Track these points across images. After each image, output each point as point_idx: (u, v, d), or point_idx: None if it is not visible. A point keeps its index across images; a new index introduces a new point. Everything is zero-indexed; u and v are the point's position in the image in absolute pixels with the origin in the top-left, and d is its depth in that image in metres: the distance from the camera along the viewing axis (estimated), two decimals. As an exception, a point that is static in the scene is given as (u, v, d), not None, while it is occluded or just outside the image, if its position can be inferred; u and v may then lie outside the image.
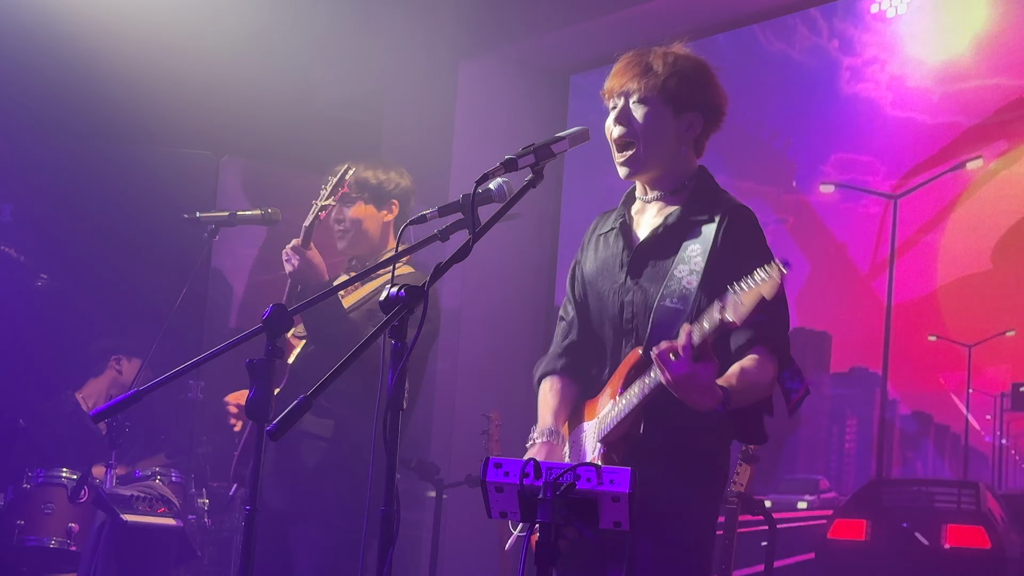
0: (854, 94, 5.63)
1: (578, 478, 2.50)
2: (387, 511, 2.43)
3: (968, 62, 5.23)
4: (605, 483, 2.50)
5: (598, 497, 2.50)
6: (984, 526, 4.91)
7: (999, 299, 4.94)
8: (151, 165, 6.83)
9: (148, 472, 5.41)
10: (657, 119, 3.09)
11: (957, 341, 4.98)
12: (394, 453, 2.44)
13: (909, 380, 5.25)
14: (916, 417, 5.20)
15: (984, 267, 5.03)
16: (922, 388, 5.18)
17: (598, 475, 2.50)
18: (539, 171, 2.86)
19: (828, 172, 5.65)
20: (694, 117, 3.14)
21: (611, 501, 2.50)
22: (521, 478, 2.53)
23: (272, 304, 2.79)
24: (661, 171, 3.15)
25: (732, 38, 6.17)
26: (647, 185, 3.19)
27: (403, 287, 2.50)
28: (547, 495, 2.47)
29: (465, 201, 2.85)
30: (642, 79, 3.10)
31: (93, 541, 4.81)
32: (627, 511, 2.51)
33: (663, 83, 3.09)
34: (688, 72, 3.13)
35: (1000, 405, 4.91)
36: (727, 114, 3.21)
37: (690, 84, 3.12)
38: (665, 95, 3.09)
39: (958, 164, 5.16)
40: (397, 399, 2.44)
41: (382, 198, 4.36)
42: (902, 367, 5.25)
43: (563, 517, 2.48)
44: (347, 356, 2.50)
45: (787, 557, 5.25)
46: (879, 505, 5.29)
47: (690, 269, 3.00)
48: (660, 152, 3.12)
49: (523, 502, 2.54)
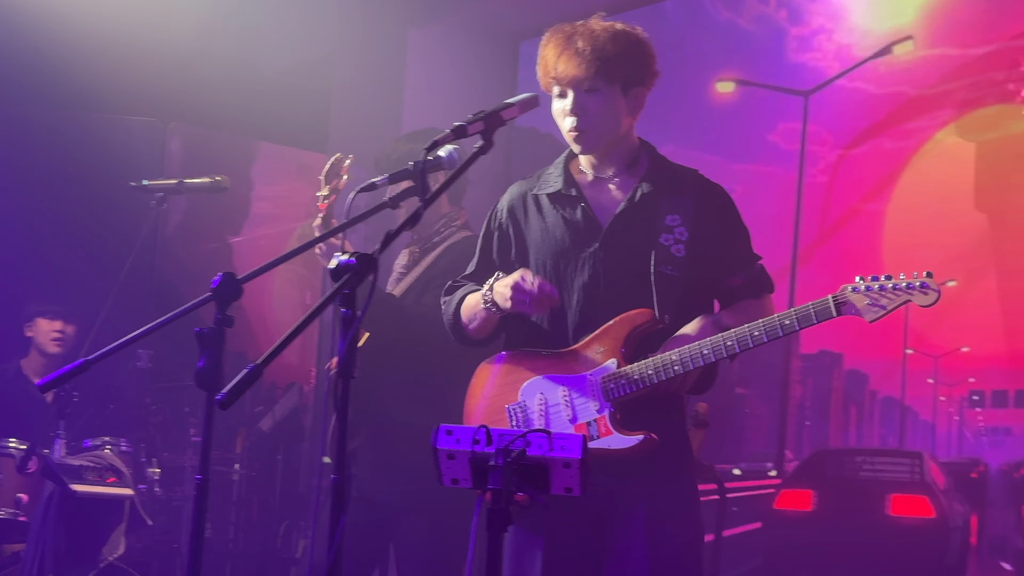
0: (801, 63, 5.67)
1: (529, 444, 2.51)
2: (338, 479, 2.44)
3: (915, 31, 5.28)
4: (556, 449, 2.52)
5: (549, 463, 2.52)
6: (928, 495, 4.99)
7: (944, 261, 5.01)
8: (97, 132, 6.76)
9: (98, 442, 5.38)
10: (610, 105, 3.14)
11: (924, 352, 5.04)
12: (345, 420, 2.44)
13: (857, 348, 5.31)
14: (860, 384, 5.27)
15: (928, 236, 5.10)
16: (868, 355, 5.25)
17: (549, 441, 2.52)
18: (489, 138, 2.87)
19: (775, 141, 5.69)
20: (639, 91, 3.19)
21: (562, 467, 2.52)
22: (472, 444, 2.54)
23: (221, 272, 2.77)
24: (613, 146, 3.19)
25: (680, 5, 6.18)
26: (599, 161, 3.22)
27: (354, 254, 2.50)
28: (498, 462, 2.49)
29: (415, 168, 2.85)
30: (590, 66, 3.10)
31: (42, 511, 4.78)
32: (578, 477, 2.53)
33: (612, 68, 3.11)
34: (634, 50, 3.16)
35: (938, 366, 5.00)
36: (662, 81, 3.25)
37: (636, 62, 3.16)
38: (614, 79, 3.12)
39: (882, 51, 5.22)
40: (348, 367, 2.44)
41: None
42: (852, 335, 5.31)
43: (514, 483, 2.50)
44: (296, 326, 2.49)
45: (736, 526, 5.32)
46: (824, 475, 5.36)
47: (675, 239, 3.09)
48: (613, 132, 3.17)
49: (474, 469, 2.56)
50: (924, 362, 5.03)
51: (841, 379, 5.37)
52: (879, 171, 5.30)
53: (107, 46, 6.53)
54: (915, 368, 5.05)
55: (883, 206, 5.23)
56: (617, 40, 3.13)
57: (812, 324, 2.88)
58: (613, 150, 3.20)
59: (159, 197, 4.87)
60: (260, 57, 7.78)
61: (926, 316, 4.68)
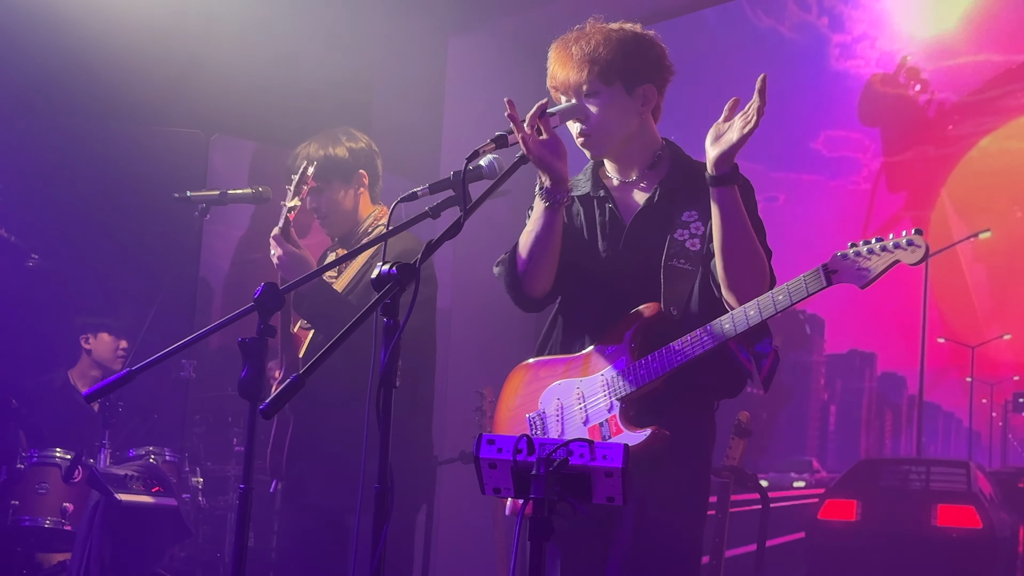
0: (843, 71, 5.63)
1: (571, 454, 2.50)
2: (381, 488, 2.44)
3: (957, 38, 5.24)
4: (598, 458, 2.51)
5: (591, 472, 2.51)
6: (975, 506, 4.93)
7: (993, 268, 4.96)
8: (141, 144, 6.81)
9: (142, 451, 5.42)
10: (611, 107, 3.10)
11: (958, 342, 5.00)
12: (387, 430, 2.44)
13: (899, 360, 5.26)
14: (908, 396, 5.22)
15: (971, 242, 5.05)
16: (912, 367, 5.20)
17: (591, 450, 2.51)
18: (530, 147, 2.86)
19: (817, 149, 5.65)
20: (647, 88, 3.14)
21: (604, 476, 2.51)
22: (514, 454, 2.54)
23: (264, 283, 2.79)
24: (629, 147, 3.15)
25: (721, 13, 6.17)
26: (620, 164, 3.20)
27: (394, 264, 2.50)
28: (540, 471, 2.48)
29: (456, 178, 2.86)
30: (586, 69, 3.09)
31: (88, 520, 4.81)
32: (620, 486, 2.52)
33: (608, 67, 3.08)
34: (630, 47, 3.12)
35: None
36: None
37: (635, 58, 3.12)
38: (613, 79, 3.09)
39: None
40: (390, 377, 2.45)
41: (349, 174, 4.33)
42: (892, 347, 5.27)
43: (556, 493, 2.49)
44: (338, 335, 2.50)
45: (778, 536, 5.28)
46: (870, 485, 5.31)
47: (691, 233, 3.05)
48: (621, 133, 3.13)
49: (516, 478, 2.55)
50: (962, 353, 4.98)
51: (874, 382, 5.33)
52: (924, 178, 5.26)
53: (150, 59, 6.58)
54: (950, 365, 5.00)
55: (927, 213, 5.18)
56: (609, 40, 3.10)
57: (805, 296, 2.78)
58: (631, 151, 3.16)
59: (202, 208, 4.90)
60: (301, 68, 7.82)
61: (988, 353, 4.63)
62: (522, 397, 3.18)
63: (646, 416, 2.95)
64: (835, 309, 5.45)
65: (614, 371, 3.00)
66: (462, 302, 6.70)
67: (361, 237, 4.29)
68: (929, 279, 5.15)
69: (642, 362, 2.95)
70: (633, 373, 2.96)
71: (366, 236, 4.29)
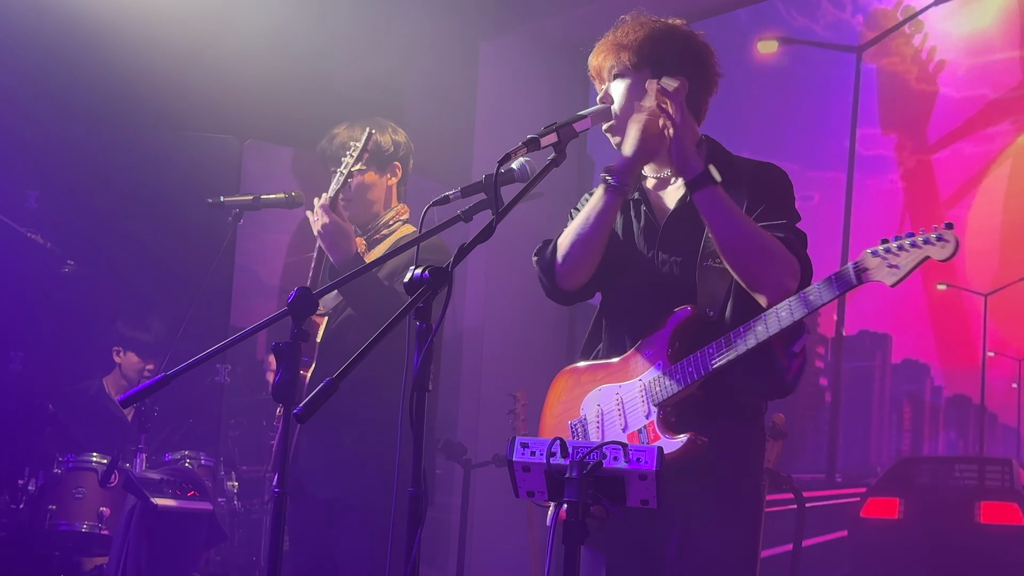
0: (879, 68, 5.59)
1: (605, 456, 2.49)
2: (415, 492, 2.44)
3: (993, 34, 5.19)
4: (632, 461, 2.49)
5: (625, 475, 2.50)
6: (1018, 503, 4.88)
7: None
8: (175, 150, 6.85)
9: (177, 456, 5.44)
10: (637, 90, 3.06)
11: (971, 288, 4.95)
12: (421, 434, 2.44)
13: (944, 356, 5.22)
14: (951, 396, 5.18)
15: (1013, 240, 4.99)
16: (956, 364, 5.16)
17: (625, 453, 2.50)
18: (562, 150, 2.85)
19: (853, 147, 5.61)
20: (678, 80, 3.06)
21: (638, 479, 2.49)
22: (547, 457, 2.53)
23: (297, 287, 2.79)
24: (661, 142, 3.03)
25: (754, 13, 6.13)
26: (655, 161, 3.13)
27: (427, 268, 2.50)
28: (574, 474, 2.47)
29: (488, 181, 2.85)
30: (617, 54, 3.09)
31: (124, 525, 4.84)
32: (654, 489, 2.50)
33: (637, 52, 3.06)
34: (661, 34, 3.09)
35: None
36: (720, 74, 3.15)
37: (664, 45, 3.08)
38: (641, 64, 3.06)
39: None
40: (423, 380, 2.44)
41: (384, 163, 4.35)
42: (942, 345, 5.22)
43: (590, 496, 2.48)
44: (372, 339, 2.49)
45: (818, 535, 5.24)
46: (912, 483, 5.27)
47: None
48: None
49: (550, 481, 2.54)
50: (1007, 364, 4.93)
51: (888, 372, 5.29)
52: (960, 176, 5.20)
53: (183, 65, 6.63)
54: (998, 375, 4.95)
55: (965, 212, 5.13)
56: (643, 27, 3.09)
57: (836, 295, 2.74)
58: (663, 147, 3.05)
59: (235, 213, 4.92)
60: (333, 72, 7.85)
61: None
62: (564, 404, 3.15)
63: (687, 422, 2.90)
64: (897, 324, 5.38)
65: (651, 376, 2.97)
66: (495, 306, 6.69)
67: (381, 229, 4.31)
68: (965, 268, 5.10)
69: (678, 366, 2.91)
70: (669, 378, 2.92)
71: (386, 228, 4.30)
